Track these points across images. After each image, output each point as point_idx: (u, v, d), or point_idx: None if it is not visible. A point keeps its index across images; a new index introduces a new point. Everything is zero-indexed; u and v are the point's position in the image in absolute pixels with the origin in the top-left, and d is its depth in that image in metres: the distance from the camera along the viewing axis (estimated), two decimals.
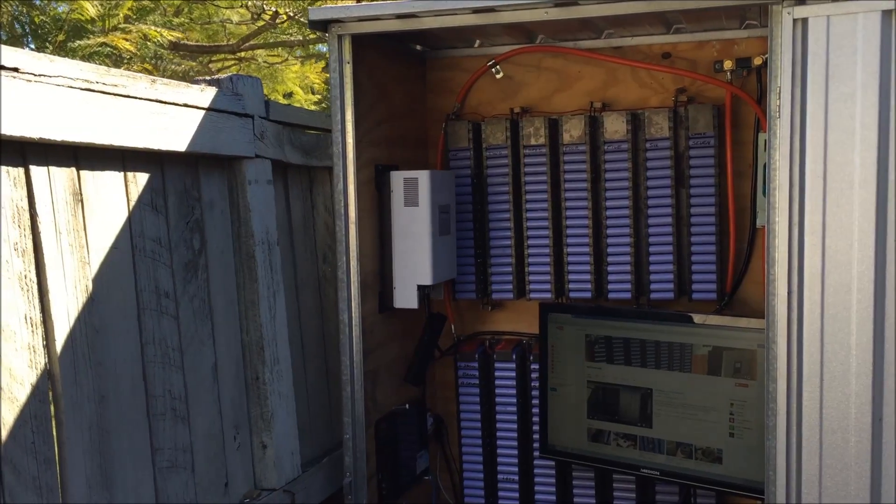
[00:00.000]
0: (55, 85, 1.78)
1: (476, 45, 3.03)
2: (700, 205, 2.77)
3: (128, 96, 1.98)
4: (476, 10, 2.38)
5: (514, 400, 3.00)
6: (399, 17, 2.44)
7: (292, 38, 8.11)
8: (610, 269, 2.86)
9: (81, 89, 1.85)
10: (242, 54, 9.22)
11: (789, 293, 2.14)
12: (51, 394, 1.83)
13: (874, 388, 2.09)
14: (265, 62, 9.76)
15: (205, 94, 2.26)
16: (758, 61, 2.66)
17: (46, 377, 1.81)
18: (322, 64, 9.52)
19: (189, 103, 2.20)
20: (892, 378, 2.08)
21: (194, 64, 7.41)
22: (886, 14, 2.02)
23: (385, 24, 2.47)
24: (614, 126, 2.81)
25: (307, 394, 2.82)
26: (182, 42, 7.64)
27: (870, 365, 2.09)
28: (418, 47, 3.06)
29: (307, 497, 2.65)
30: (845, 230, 2.08)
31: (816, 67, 2.09)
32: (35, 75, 1.74)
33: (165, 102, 2.11)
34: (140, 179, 2.11)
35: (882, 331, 2.08)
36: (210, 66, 9.41)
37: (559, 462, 2.95)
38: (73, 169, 1.91)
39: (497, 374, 3.01)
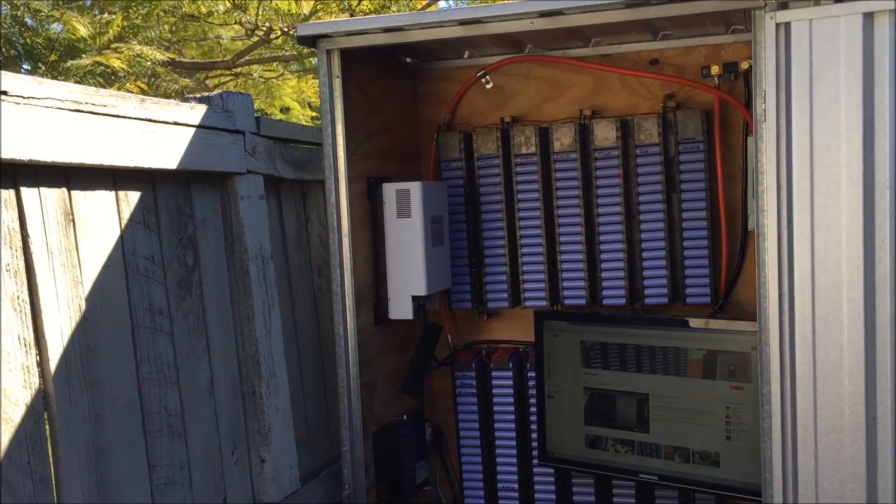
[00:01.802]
0: (44, 107, 1.80)
1: (465, 56, 3.05)
2: (691, 209, 2.78)
3: (117, 116, 2.00)
4: (462, 22, 2.40)
5: (512, 408, 3.00)
6: (386, 30, 2.46)
7: (287, 53, 8.15)
8: (604, 275, 2.87)
9: (71, 110, 1.87)
10: (238, 70, 9.27)
11: (780, 295, 2.15)
12: (46, 413, 1.84)
13: (867, 388, 2.10)
14: (261, 77, 9.81)
15: (195, 112, 2.28)
16: (744, 65, 2.67)
17: (41, 397, 1.82)
18: None
19: (179, 121, 2.21)
20: (886, 377, 2.09)
21: (189, 82, 7.45)
22: (868, 17, 2.04)
23: (373, 37, 2.49)
24: (604, 133, 2.83)
25: (305, 407, 2.83)
26: (177, 60, 7.69)
27: (862, 364, 2.09)
28: (408, 60, 3.08)
29: None
30: (833, 231, 2.09)
31: (800, 71, 2.10)
32: (24, 98, 1.75)
33: (155, 121, 2.12)
34: (132, 198, 2.12)
35: (873, 330, 2.08)
36: (207, 82, 9.46)
37: (558, 469, 2.95)
38: (64, 189, 1.92)
39: (494, 382, 3.02)
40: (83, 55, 5.94)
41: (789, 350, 2.16)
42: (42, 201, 1.85)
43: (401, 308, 2.73)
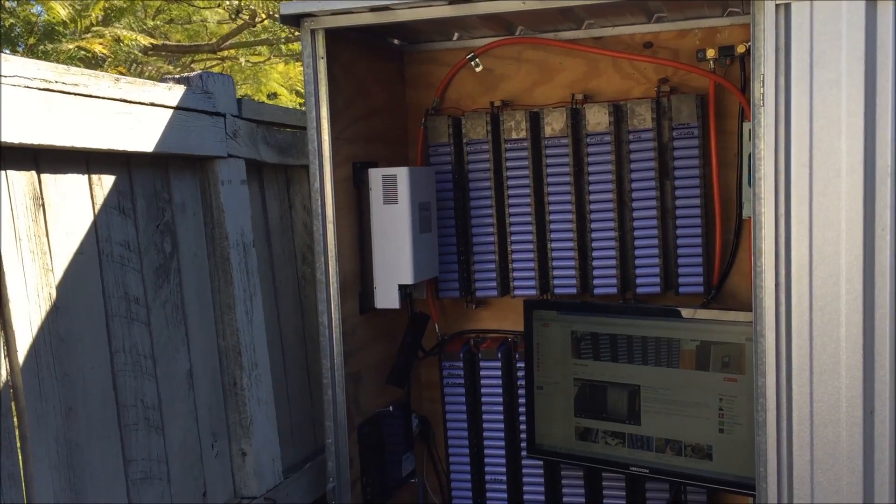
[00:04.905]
0: (10, 85, 1.71)
1: (455, 38, 2.96)
2: (685, 196, 2.72)
3: (90, 96, 1.91)
4: (452, 1, 2.32)
5: (501, 399, 2.94)
6: (373, 9, 2.38)
7: (273, 38, 8.03)
8: (595, 263, 2.81)
9: (39, 89, 1.78)
10: (224, 54, 9.14)
11: (777, 285, 2.09)
12: (14, 407, 1.76)
13: (865, 381, 2.04)
14: (248, 62, 9.67)
15: (172, 93, 2.19)
16: (741, 49, 2.61)
17: (9, 390, 1.74)
18: None
19: (156, 102, 2.13)
20: (884, 370, 2.03)
21: (172, 68, 7.33)
22: None
23: (358, 17, 2.40)
24: (596, 118, 2.76)
25: (288, 398, 2.76)
26: (161, 43, 7.56)
27: (860, 357, 2.04)
28: (396, 41, 2.99)
29: None
30: (833, 220, 2.03)
31: (800, 54, 2.03)
32: None
33: (130, 102, 2.04)
34: (106, 182, 2.04)
35: (872, 322, 2.03)
36: (193, 66, 9.33)
37: (547, 461, 2.89)
38: (34, 172, 1.83)
39: (482, 373, 2.95)
40: (63, 39, 5.82)
41: (785, 342, 2.10)
42: (9, 185, 1.76)
43: (387, 297, 2.66)
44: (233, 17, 7.27)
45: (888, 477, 2.05)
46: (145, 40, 6.47)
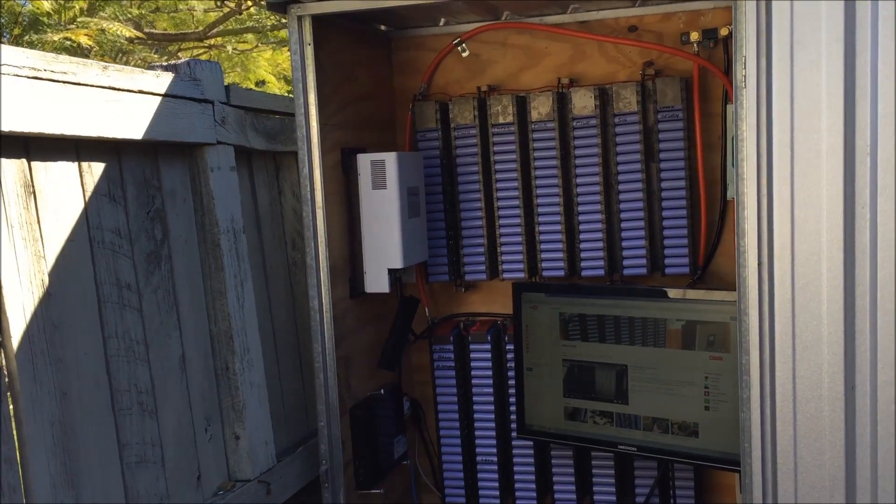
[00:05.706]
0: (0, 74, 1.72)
1: (441, 24, 2.98)
2: (670, 178, 2.75)
3: (79, 84, 1.92)
4: None
5: (491, 381, 2.98)
6: None
7: (260, 25, 8.00)
8: (582, 246, 2.84)
9: (28, 77, 1.79)
10: (211, 42, 9.10)
11: (759, 264, 2.12)
12: (9, 392, 1.78)
13: (846, 357, 2.08)
14: (235, 50, 9.64)
15: (161, 80, 2.21)
16: (724, 32, 2.63)
17: (3, 375, 1.76)
18: None
19: (144, 90, 2.14)
20: (864, 346, 2.07)
21: (157, 57, 7.30)
22: None
23: (345, 3, 2.42)
24: (582, 102, 2.78)
25: (280, 382, 2.79)
26: (147, 32, 7.53)
27: (841, 333, 2.08)
28: (382, 27, 3.01)
29: (283, 487, 2.62)
30: (813, 199, 2.06)
31: (781, 36, 2.06)
32: None
33: (119, 89, 2.05)
34: (96, 169, 2.05)
35: (853, 299, 2.07)
36: (179, 55, 9.29)
37: (537, 442, 2.94)
38: (24, 160, 1.85)
39: (472, 355, 2.99)
40: (48, 30, 5.80)
41: (768, 319, 2.14)
42: (0, 173, 1.78)
43: (377, 281, 2.69)
44: (219, 4, 7.24)
45: (869, 451, 2.10)
46: (129, 33, 6.45)
